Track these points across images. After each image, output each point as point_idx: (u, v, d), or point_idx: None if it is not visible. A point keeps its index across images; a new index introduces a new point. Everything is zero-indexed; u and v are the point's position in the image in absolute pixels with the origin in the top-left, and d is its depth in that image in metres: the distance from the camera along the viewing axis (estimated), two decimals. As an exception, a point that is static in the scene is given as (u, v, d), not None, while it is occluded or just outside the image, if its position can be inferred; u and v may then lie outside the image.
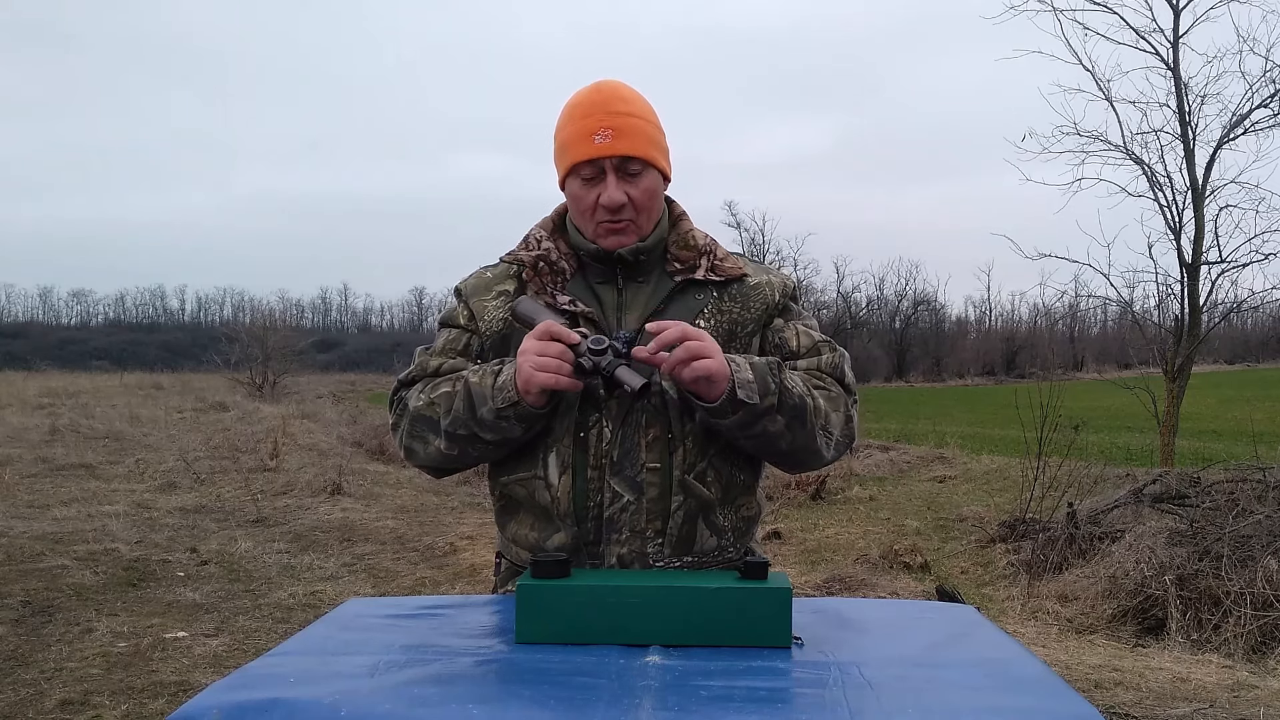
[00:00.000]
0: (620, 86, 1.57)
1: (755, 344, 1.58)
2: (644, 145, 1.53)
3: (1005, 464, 10.39)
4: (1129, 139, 9.19)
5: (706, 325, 1.54)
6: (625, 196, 1.52)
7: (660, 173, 1.57)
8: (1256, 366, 46.49)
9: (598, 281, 1.59)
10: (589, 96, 1.54)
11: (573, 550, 1.50)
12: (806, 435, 1.49)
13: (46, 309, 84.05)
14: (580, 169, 1.52)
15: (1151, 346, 9.70)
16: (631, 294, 1.57)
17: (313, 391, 26.18)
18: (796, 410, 1.46)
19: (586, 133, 1.51)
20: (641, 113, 1.55)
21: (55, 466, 11.03)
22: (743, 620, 1.27)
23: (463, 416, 1.48)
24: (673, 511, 1.50)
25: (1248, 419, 15.33)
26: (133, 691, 3.96)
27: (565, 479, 1.50)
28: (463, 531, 7.79)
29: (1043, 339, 49.23)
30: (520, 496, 1.55)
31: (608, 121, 1.50)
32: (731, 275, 1.59)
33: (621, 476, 1.48)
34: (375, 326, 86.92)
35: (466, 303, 1.62)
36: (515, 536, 1.59)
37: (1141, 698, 3.86)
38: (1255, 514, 5.40)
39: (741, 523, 1.58)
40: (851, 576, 6.12)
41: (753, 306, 1.59)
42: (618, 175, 1.51)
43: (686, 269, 1.58)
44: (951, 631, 1.40)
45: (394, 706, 1.05)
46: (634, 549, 1.49)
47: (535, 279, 1.57)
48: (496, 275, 1.63)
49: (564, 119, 1.56)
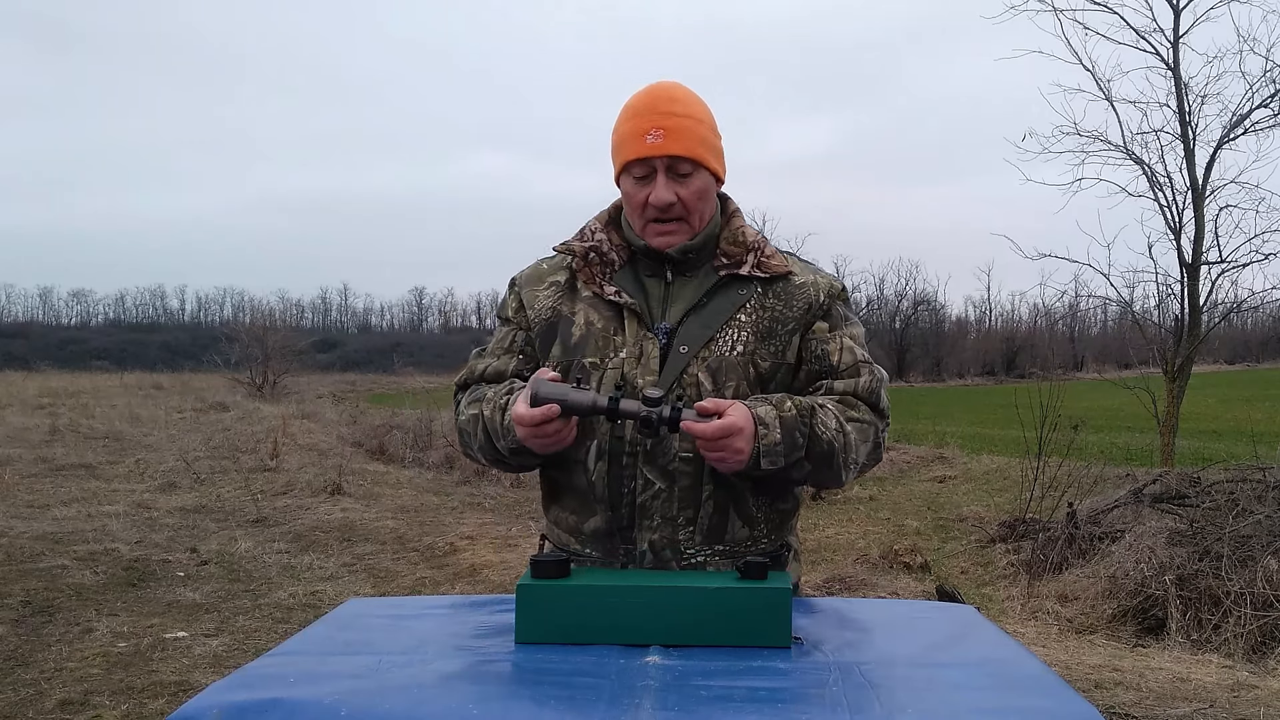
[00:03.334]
0: (676, 88, 1.60)
1: (794, 342, 1.59)
2: (694, 146, 1.55)
3: (1005, 464, 10.38)
4: (1129, 139, 9.19)
5: (746, 319, 1.57)
6: (674, 196, 1.55)
7: (712, 173, 1.59)
8: (1256, 366, 46.47)
9: (646, 274, 1.63)
10: (644, 97, 1.58)
11: (607, 534, 1.56)
12: (831, 473, 1.54)
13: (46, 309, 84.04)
14: (632, 167, 1.56)
15: (1151, 346, 9.70)
16: (679, 287, 1.61)
17: (313, 391, 26.14)
18: (824, 457, 1.50)
19: (639, 132, 1.54)
20: (695, 114, 1.57)
21: (55, 466, 11.02)
22: (743, 620, 1.27)
23: (486, 445, 1.58)
24: (704, 501, 1.53)
25: (1248, 419, 15.36)
26: (133, 691, 3.96)
27: (601, 465, 1.54)
28: (463, 531, 7.79)
29: (1043, 339, 49.24)
30: (562, 481, 1.61)
31: (659, 122, 1.53)
32: (776, 272, 1.61)
33: (654, 465, 1.53)
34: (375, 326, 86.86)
35: (519, 293, 1.68)
36: (557, 519, 1.65)
37: (1141, 698, 3.86)
38: (1255, 514, 5.40)
39: (776, 515, 1.61)
40: (851, 576, 6.12)
41: (795, 305, 1.60)
42: (668, 175, 1.55)
43: (732, 264, 1.61)
44: (951, 631, 1.41)
45: (394, 706, 1.06)
46: (665, 535, 1.53)
47: (585, 269, 1.62)
48: (551, 266, 1.68)
49: (620, 118, 1.60)
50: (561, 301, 1.63)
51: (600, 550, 1.57)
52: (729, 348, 1.55)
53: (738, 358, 1.55)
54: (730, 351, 1.55)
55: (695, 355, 1.54)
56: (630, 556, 1.55)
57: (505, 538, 7.53)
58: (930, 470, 11.19)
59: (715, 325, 1.56)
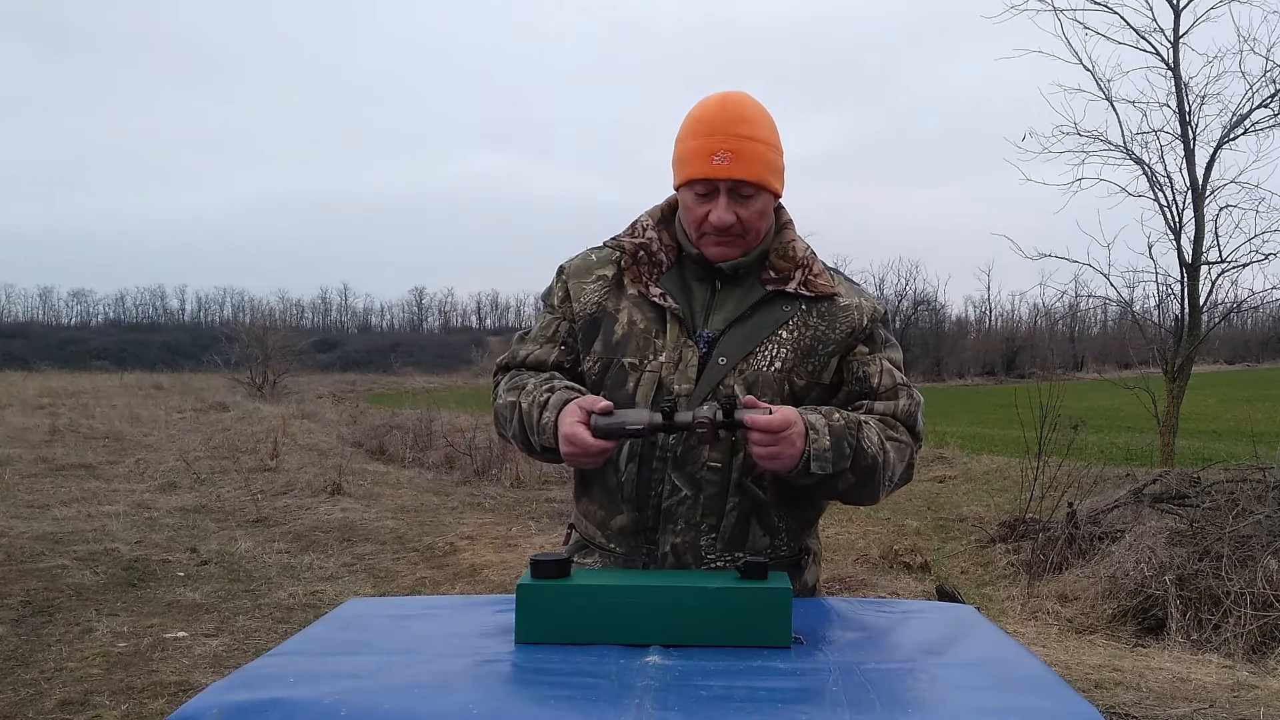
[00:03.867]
0: (746, 104, 1.57)
1: (833, 364, 1.60)
2: (760, 170, 1.54)
3: (1005, 464, 10.38)
4: (1129, 139, 9.20)
5: (788, 336, 1.57)
6: (735, 217, 1.54)
7: (773, 193, 1.59)
8: (1256, 366, 46.47)
9: (694, 279, 1.62)
10: (714, 113, 1.55)
11: (632, 533, 1.58)
12: (870, 489, 1.54)
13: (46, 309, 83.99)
14: (695, 184, 1.55)
15: (1151, 346, 9.70)
16: (724, 295, 1.61)
17: (313, 391, 26.12)
18: (868, 471, 1.51)
19: (706, 152, 1.52)
20: (763, 136, 1.56)
21: (55, 466, 11.02)
22: (742, 620, 1.27)
23: (521, 436, 1.60)
24: (728, 511, 1.55)
25: (1248, 419, 15.36)
26: (133, 691, 3.96)
27: (631, 467, 1.56)
28: (463, 531, 7.79)
29: (1043, 339, 49.28)
30: (592, 476, 1.62)
31: (729, 144, 1.51)
32: (823, 292, 1.61)
33: (683, 472, 1.54)
34: (375, 326, 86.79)
35: (565, 283, 1.68)
36: (586, 511, 1.66)
37: (1141, 698, 3.86)
38: (1255, 514, 5.40)
39: (798, 523, 1.64)
40: (851, 576, 6.12)
41: (839, 327, 1.60)
42: (730, 197, 1.54)
43: (780, 280, 1.60)
44: (951, 631, 1.41)
45: (394, 706, 1.06)
46: (688, 540, 1.55)
47: (633, 267, 1.62)
48: (600, 259, 1.68)
49: (686, 130, 1.57)
50: (607, 297, 1.63)
51: (625, 547, 1.59)
52: (767, 363, 1.56)
53: (775, 374, 1.55)
54: (768, 367, 1.55)
55: (733, 368, 1.54)
56: (652, 556, 1.57)
57: (505, 538, 7.53)
58: (930, 470, 11.19)
59: (756, 339, 1.56)
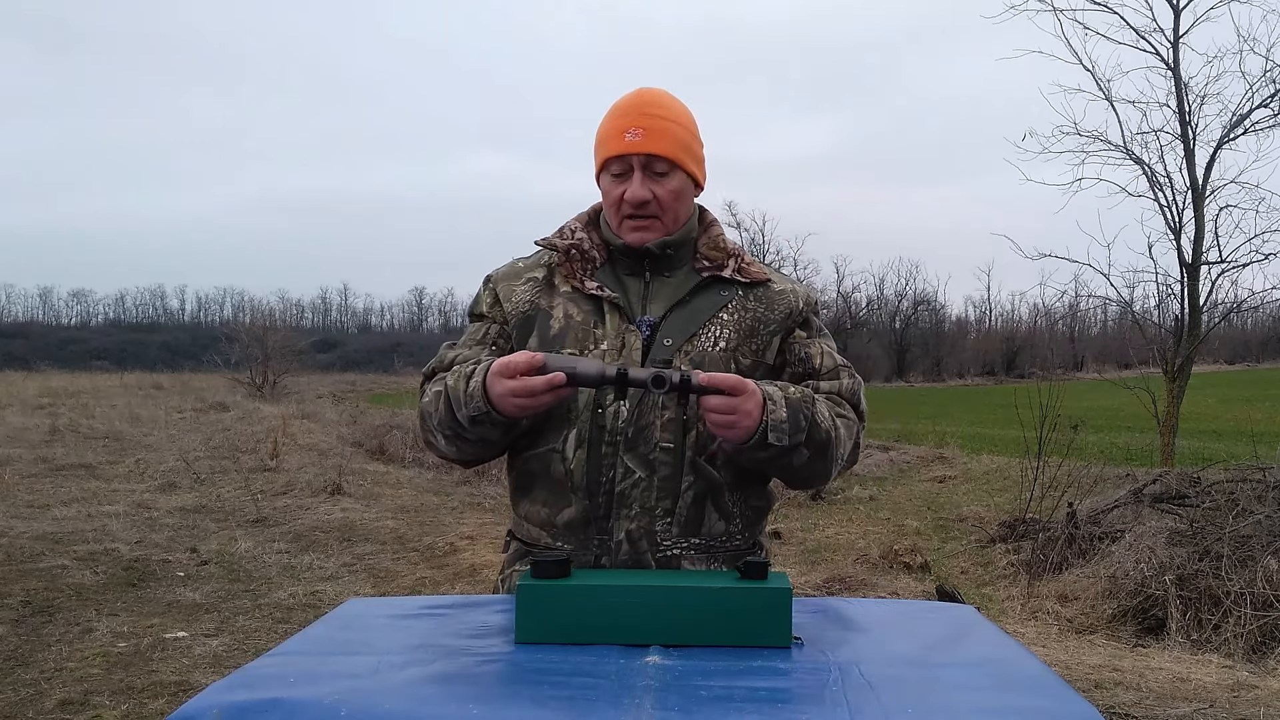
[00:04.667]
0: (661, 93, 1.63)
1: (775, 345, 1.62)
2: (672, 146, 1.58)
3: (1005, 464, 10.38)
4: (1129, 139, 9.21)
5: (729, 318, 1.60)
6: (649, 193, 1.57)
7: (690, 177, 1.62)
8: (1256, 366, 46.47)
9: (625, 273, 1.64)
10: (629, 99, 1.62)
11: (582, 525, 1.55)
12: (824, 464, 1.55)
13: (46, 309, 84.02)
14: (611, 164, 1.59)
15: (1151, 346, 9.70)
16: (658, 286, 1.63)
17: (313, 391, 26.13)
18: (822, 445, 1.51)
19: (619, 130, 1.57)
20: (676, 117, 1.60)
21: (55, 466, 11.02)
22: (743, 620, 1.27)
23: (446, 419, 1.53)
24: (683, 491, 1.54)
25: (1248, 419, 15.36)
26: (133, 691, 3.96)
27: (580, 453, 1.54)
28: (463, 531, 7.79)
29: (1043, 339, 49.31)
30: (536, 471, 1.59)
31: (640, 121, 1.56)
32: (756, 278, 1.64)
33: (635, 453, 1.53)
34: (375, 326, 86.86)
35: (494, 289, 1.68)
36: (527, 514, 1.63)
37: (1141, 698, 3.86)
38: (1255, 514, 5.40)
39: (751, 511, 1.63)
40: (851, 576, 6.12)
41: (776, 309, 1.64)
42: (644, 173, 1.57)
43: (714, 266, 1.63)
44: (951, 631, 1.40)
45: (394, 706, 1.06)
46: (642, 525, 1.53)
47: (566, 264, 1.63)
48: (528, 264, 1.69)
49: (604, 118, 1.62)
50: (540, 295, 1.63)
51: (574, 542, 1.56)
52: (711, 343, 1.57)
53: (720, 353, 1.57)
54: (713, 347, 1.57)
55: (679, 349, 1.56)
56: (605, 548, 1.54)
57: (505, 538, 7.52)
58: (930, 470, 11.20)
59: (699, 321, 1.59)
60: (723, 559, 1.58)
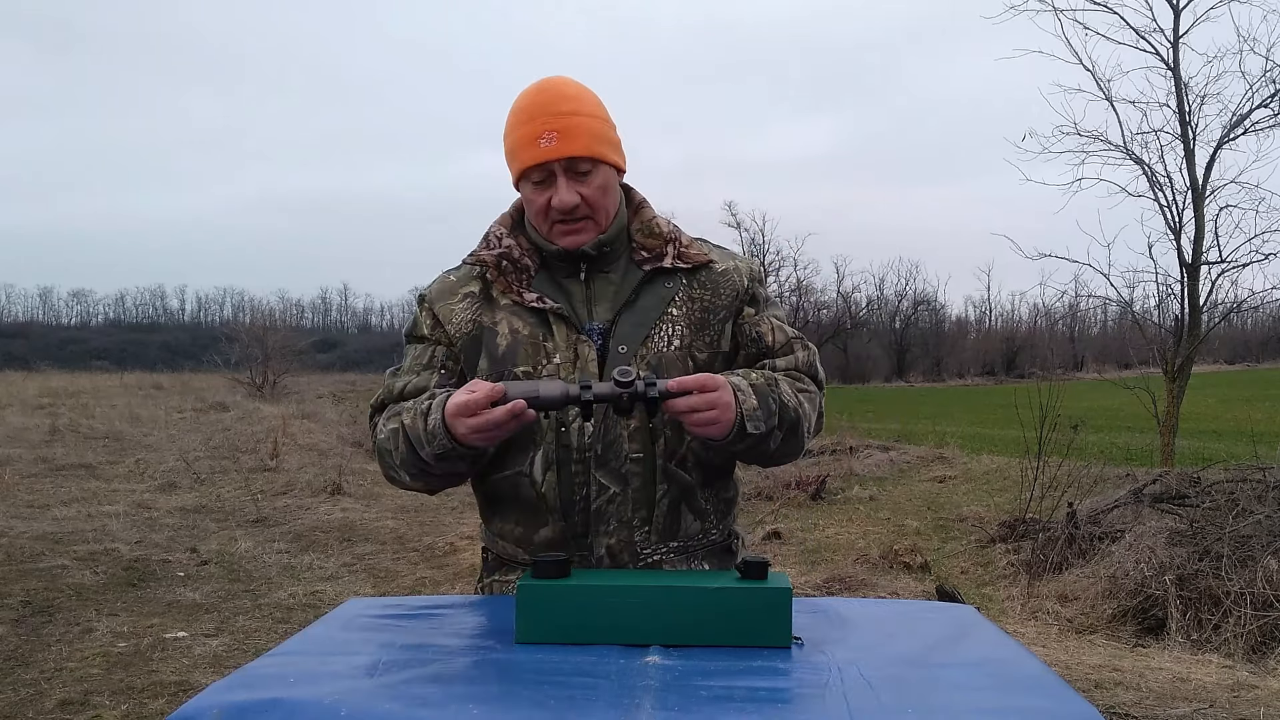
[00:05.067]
0: (564, 84, 1.53)
1: (728, 330, 1.59)
2: (591, 144, 1.50)
3: (1005, 464, 10.38)
4: (1129, 139, 9.20)
5: (678, 313, 1.56)
6: (578, 197, 1.50)
7: (613, 167, 1.56)
8: (1256, 366, 46.46)
9: (563, 277, 1.58)
10: (532, 99, 1.51)
11: (560, 543, 1.52)
12: (796, 442, 1.54)
13: (46, 309, 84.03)
14: (530, 173, 1.51)
15: (1151, 346, 9.70)
16: (599, 286, 1.57)
17: (313, 391, 26.13)
18: (793, 424, 1.50)
19: (531, 137, 1.48)
20: (587, 110, 1.52)
21: (55, 466, 11.02)
22: (743, 620, 1.27)
23: (409, 458, 1.48)
24: (658, 500, 1.52)
25: (1248, 419, 15.36)
26: (133, 691, 3.96)
27: (550, 475, 1.51)
28: (463, 531, 7.79)
29: (1043, 339, 49.30)
30: (505, 493, 1.56)
31: (552, 124, 1.47)
32: (698, 262, 1.59)
33: (607, 469, 1.50)
34: (375, 326, 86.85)
35: (431, 309, 1.60)
36: (501, 531, 1.60)
37: (1141, 698, 3.86)
38: (1255, 514, 5.40)
39: (722, 504, 1.62)
40: (851, 576, 6.12)
41: (723, 293, 1.59)
42: (568, 176, 1.50)
43: (654, 257, 1.58)
44: (951, 631, 1.40)
45: (394, 706, 1.06)
46: (622, 539, 1.52)
47: (500, 278, 1.57)
48: (460, 278, 1.62)
49: (510, 123, 1.53)
50: (481, 313, 1.56)
51: None
52: (665, 343, 1.53)
53: (676, 352, 1.53)
54: (668, 347, 1.53)
55: (634, 354, 1.51)
56: (585, 563, 1.52)
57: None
58: (930, 470, 11.19)
59: (649, 322, 1.54)
60: (702, 556, 1.58)
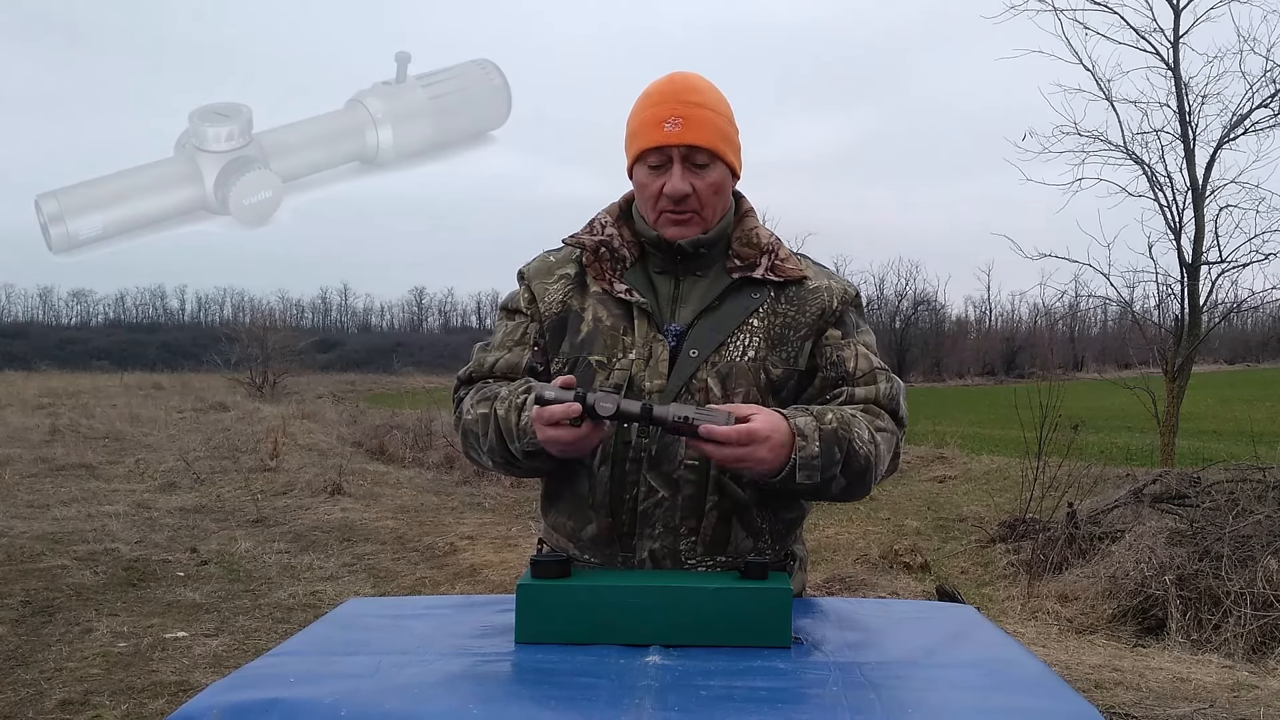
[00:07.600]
0: (695, 78, 1.56)
1: (807, 349, 1.56)
2: (712, 137, 1.52)
3: (1005, 464, 10.37)
4: (1129, 139, 9.18)
5: (759, 324, 1.54)
6: (690, 187, 1.51)
7: (729, 168, 1.56)
8: (1256, 366, 46.42)
9: (657, 271, 1.59)
10: (663, 85, 1.54)
11: (606, 542, 1.52)
12: (862, 488, 1.49)
13: (46, 309, 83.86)
14: (647, 156, 1.53)
15: (1151, 346, 9.70)
16: (689, 287, 1.57)
17: (313, 391, 26.11)
18: (860, 471, 1.45)
19: (656, 120, 1.51)
20: (714, 105, 1.54)
21: (55, 466, 11.02)
22: (743, 620, 1.27)
23: (498, 448, 1.52)
24: (707, 511, 1.49)
25: (1248, 419, 15.34)
26: (133, 691, 3.96)
27: (604, 470, 1.50)
28: (463, 531, 7.79)
29: (1043, 339, 49.19)
30: (563, 482, 1.57)
31: (679, 110, 1.50)
32: (791, 276, 1.57)
33: (659, 472, 1.49)
34: (375, 326, 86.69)
35: (529, 285, 1.63)
36: (555, 524, 1.61)
37: (1141, 698, 3.86)
38: (1255, 514, 5.40)
39: (782, 525, 1.57)
40: (851, 576, 6.11)
41: (808, 310, 1.57)
42: (684, 165, 1.51)
43: (746, 266, 1.57)
44: (951, 631, 1.40)
45: (394, 706, 1.06)
46: (666, 545, 1.49)
47: (595, 264, 1.58)
48: (559, 259, 1.64)
49: (637, 106, 1.56)
50: (571, 295, 1.58)
51: (599, 557, 1.53)
52: (740, 353, 1.52)
53: (748, 364, 1.51)
54: (741, 357, 1.52)
55: (705, 360, 1.50)
56: (629, 565, 1.51)
57: (505, 538, 7.53)
58: (930, 470, 11.18)
59: (727, 330, 1.52)
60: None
